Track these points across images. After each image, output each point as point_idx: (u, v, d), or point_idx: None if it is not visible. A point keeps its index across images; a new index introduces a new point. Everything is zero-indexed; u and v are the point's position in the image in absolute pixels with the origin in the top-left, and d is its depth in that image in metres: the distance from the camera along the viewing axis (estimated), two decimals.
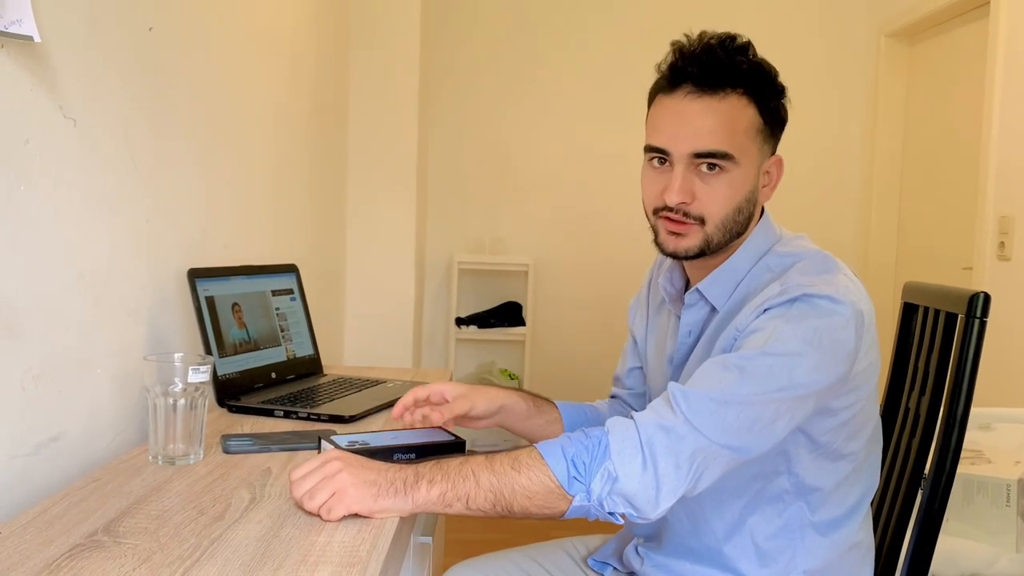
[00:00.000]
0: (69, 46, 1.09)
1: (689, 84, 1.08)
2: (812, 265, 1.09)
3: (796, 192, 3.95)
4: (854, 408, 1.10)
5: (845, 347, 1.02)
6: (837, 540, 1.14)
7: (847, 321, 1.02)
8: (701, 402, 0.97)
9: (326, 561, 0.81)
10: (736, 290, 1.13)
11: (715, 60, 1.08)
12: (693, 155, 1.08)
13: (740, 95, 1.09)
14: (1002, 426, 2.14)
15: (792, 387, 0.99)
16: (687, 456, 0.96)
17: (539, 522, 1.05)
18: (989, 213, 2.82)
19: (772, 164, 1.16)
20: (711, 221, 1.09)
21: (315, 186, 2.53)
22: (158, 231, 1.37)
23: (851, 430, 1.11)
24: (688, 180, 1.08)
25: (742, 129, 1.09)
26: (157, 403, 1.10)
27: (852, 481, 1.14)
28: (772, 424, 0.99)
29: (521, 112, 3.86)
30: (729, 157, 1.07)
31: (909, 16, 3.46)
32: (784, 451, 1.09)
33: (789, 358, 0.99)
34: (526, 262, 3.77)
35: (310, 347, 1.74)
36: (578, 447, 0.97)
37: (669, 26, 4.46)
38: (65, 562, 0.80)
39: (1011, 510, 1.77)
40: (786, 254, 1.13)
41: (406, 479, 0.95)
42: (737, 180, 1.09)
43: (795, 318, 1.01)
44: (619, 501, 0.96)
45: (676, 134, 1.08)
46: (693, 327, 1.18)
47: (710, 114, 1.07)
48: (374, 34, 3.02)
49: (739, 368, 0.99)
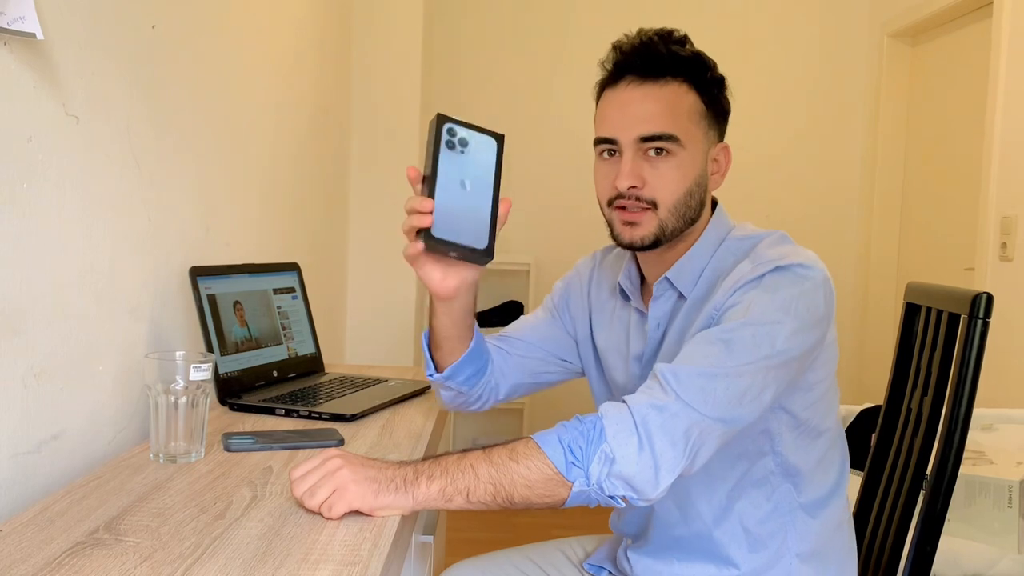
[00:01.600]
0: (72, 43, 1.09)
1: (631, 75, 1.13)
2: (776, 240, 1.14)
3: (798, 192, 3.95)
4: (827, 382, 1.14)
5: (818, 312, 1.06)
6: (825, 520, 1.17)
7: (817, 286, 1.06)
8: (691, 378, 0.99)
9: (327, 559, 0.81)
10: (701, 276, 1.16)
11: (655, 51, 1.13)
12: (640, 139, 1.11)
13: (681, 82, 1.13)
14: (1004, 427, 2.14)
15: (775, 354, 1.02)
16: (682, 433, 0.97)
17: (539, 522, 1.05)
18: (991, 214, 2.82)
19: (720, 152, 1.18)
20: (663, 205, 1.12)
21: (317, 184, 2.53)
22: (160, 229, 1.37)
23: (826, 404, 1.15)
24: (637, 165, 1.12)
25: (685, 113, 1.13)
26: (158, 401, 1.10)
27: (831, 459, 1.18)
28: (761, 394, 1.02)
29: (524, 111, 3.86)
30: (674, 139, 1.11)
31: (912, 16, 3.46)
32: (767, 430, 1.11)
33: (770, 326, 1.02)
34: (527, 261, 3.77)
35: (311, 345, 1.74)
36: (573, 433, 0.97)
37: (673, 25, 4.41)
38: (66, 559, 0.79)
39: (1013, 511, 1.77)
40: (744, 237, 1.17)
41: (406, 476, 0.95)
42: (685, 163, 1.12)
43: (771, 288, 1.04)
44: (618, 484, 0.96)
45: (621, 122, 1.13)
46: (661, 319, 1.19)
47: (652, 99, 1.12)
48: (377, 32, 3.02)
49: (724, 341, 1.01)
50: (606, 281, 1.32)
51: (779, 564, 1.15)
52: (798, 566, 1.15)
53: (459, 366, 1.21)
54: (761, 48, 3.87)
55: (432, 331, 1.20)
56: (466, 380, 1.23)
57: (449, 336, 1.19)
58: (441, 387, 1.25)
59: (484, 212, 1.01)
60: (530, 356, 1.32)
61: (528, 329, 1.35)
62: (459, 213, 1.01)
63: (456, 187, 1.00)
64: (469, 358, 1.21)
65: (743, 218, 1.27)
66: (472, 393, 1.25)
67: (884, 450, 1.41)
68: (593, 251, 1.38)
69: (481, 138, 1.02)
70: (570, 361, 1.34)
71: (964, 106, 3.21)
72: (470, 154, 1.01)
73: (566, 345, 1.34)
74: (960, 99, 3.26)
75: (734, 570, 1.15)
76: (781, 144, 3.89)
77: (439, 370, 1.22)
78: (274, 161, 2.06)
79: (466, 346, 1.20)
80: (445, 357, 1.21)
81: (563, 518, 3.14)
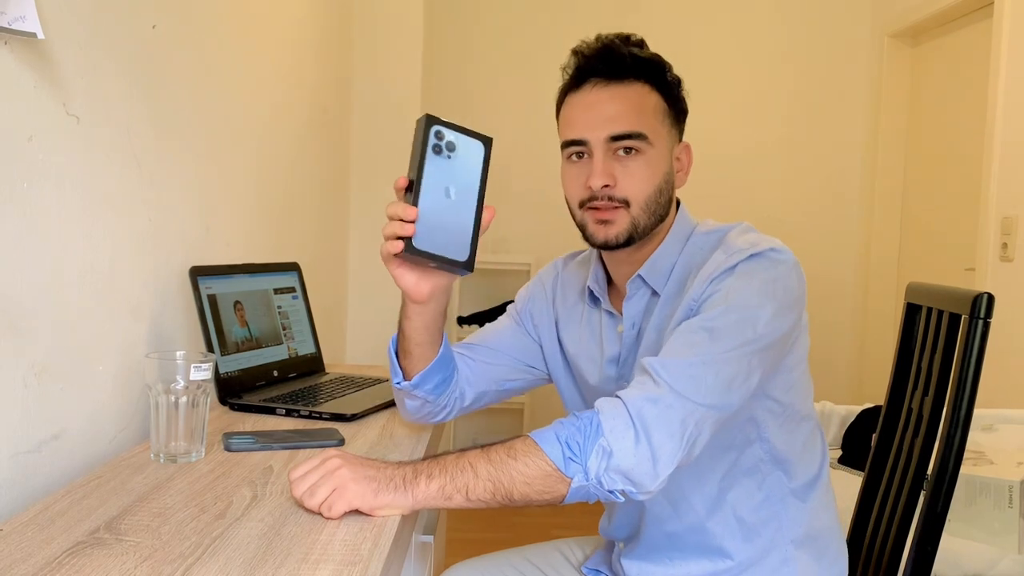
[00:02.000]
0: (72, 43, 1.09)
1: (596, 77, 1.15)
2: (743, 230, 1.16)
3: (798, 192, 3.95)
4: (803, 364, 1.17)
5: (794, 293, 1.09)
6: (814, 503, 1.19)
7: (790, 269, 1.09)
8: (680, 368, 1.00)
9: (327, 559, 0.81)
10: (673, 271, 1.18)
11: (616, 54, 1.15)
12: (609, 139, 1.13)
13: (643, 83, 1.15)
14: (1004, 427, 2.14)
15: (758, 338, 1.04)
16: (678, 423, 0.98)
17: (539, 522, 1.05)
18: (992, 214, 2.82)
19: (682, 150, 1.21)
20: (635, 202, 1.14)
21: (318, 184, 2.53)
22: (160, 229, 1.37)
23: (804, 387, 1.18)
24: (608, 165, 1.14)
25: (650, 111, 1.15)
26: (159, 401, 1.10)
27: (813, 442, 1.21)
28: (748, 378, 1.03)
29: (524, 111, 3.86)
30: (643, 137, 1.13)
31: (912, 16, 3.46)
32: (753, 418, 1.13)
33: (751, 311, 1.04)
34: (528, 261, 3.77)
35: (312, 345, 1.74)
36: (570, 429, 0.98)
37: (674, 26, 4.43)
38: (67, 559, 0.79)
39: (1013, 511, 1.77)
40: (710, 231, 1.19)
41: (405, 475, 0.96)
42: (654, 161, 1.15)
43: (747, 274, 1.07)
44: (617, 478, 0.96)
45: (590, 123, 1.14)
46: (636, 318, 1.20)
47: (619, 100, 1.14)
48: (377, 32, 3.02)
49: (707, 330, 1.03)
50: (571, 287, 1.32)
51: (774, 552, 1.16)
52: (793, 552, 1.16)
53: (428, 373, 1.19)
54: (761, 48, 3.87)
55: (402, 336, 1.18)
56: (434, 388, 1.21)
57: (420, 341, 1.17)
58: (407, 396, 1.22)
59: (467, 223, 1.00)
60: (496, 363, 1.31)
61: (494, 337, 1.34)
62: (442, 223, 0.99)
63: (441, 195, 0.99)
64: (438, 365, 1.19)
65: (743, 218, 1.27)
66: (438, 402, 1.23)
67: (885, 450, 1.41)
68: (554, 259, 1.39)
69: (469, 142, 1.00)
70: (536, 368, 1.34)
71: (965, 106, 3.21)
72: (457, 159, 0.99)
73: (532, 352, 1.33)
74: (961, 99, 3.26)
75: (728, 561, 1.16)
76: (781, 144, 3.89)
77: (407, 378, 1.20)
78: (274, 161, 2.06)
79: (435, 352, 1.19)
80: (414, 364, 1.19)
81: (563, 518, 3.14)
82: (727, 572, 1.16)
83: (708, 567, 1.17)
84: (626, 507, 1.23)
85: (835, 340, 3.92)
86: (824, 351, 3.87)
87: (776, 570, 1.16)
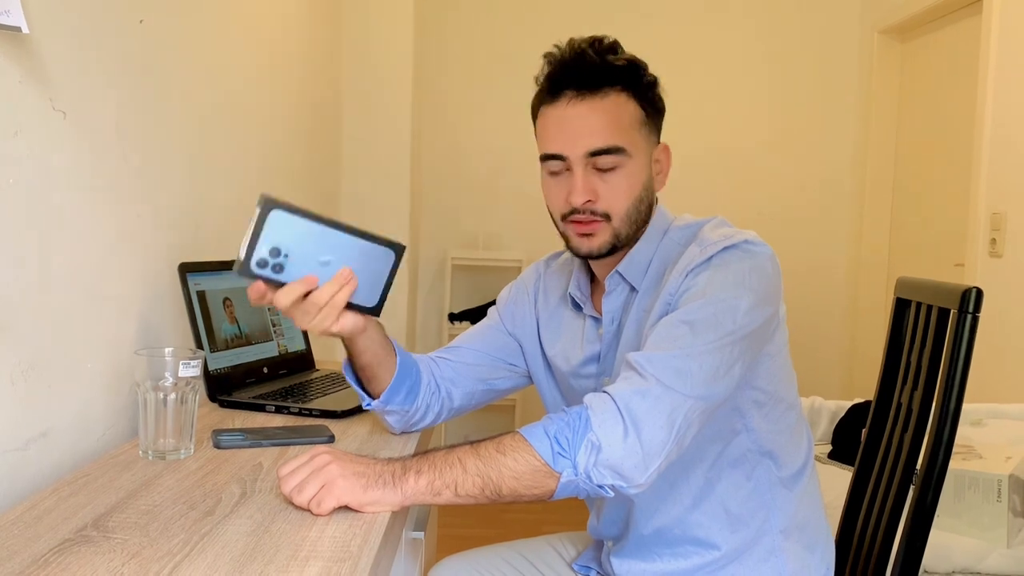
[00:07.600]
0: (59, 38, 1.08)
1: (570, 90, 1.14)
2: (718, 224, 1.17)
3: (789, 188, 3.95)
4: (783, 352, 1.18)
5: (770, 282, 1.10)
6: (801, 493, 1.20)
7: (766, 260, 1.10)
8: (665, 361, 1.01)
9: (317, 556, 0.81)
10: (650, 266, 1.18)
11: (589, 62, 1.13)
12: (589, 154, 1.13)
13: (619, 91, 1.14)
14: (993, 422, 2.15)
15: (738, 328, 1.05)
16: (667, 415, 0.98)
17: (530, 518, 1.05)
18: (981, 210, 2.83)
19: (660, 152, 1.21)
20: (616, 215, 1.15)
21: (308, 181, 2.52)
22: (149, 225, 1.36)
23: (786, 374, 1.19)
24: (588, 180, 1.14)
25: (627, 123, 1.14)
26: (147, 398, 1.09)
27: (799, 430, 1.22)
28: (731, 368, 1.04)
29: (516, 107, 3.84)
30: (622, 151, 1.13)
31: (902, 13, 3.47)
32: (737, 407, 1.14)
33: (729, 302, 1.05)
34: (520, 258, 3.77)
35: (302, 342, 1.74)
36: (559, 424, 0.98)
37: (663, 25, 4.43)
38: (54, 557, 0.79)
39: (1002, 505, 1.78)
40: (685, 226, 1.20)
41: (394, 471, 0.96)
42: (633, 173, 1.15)
43: (722, 266, 1.08)
44: (606, 472, 0.96)
45: (569, 138, 1.14)
46: (615, 312, 1.21)
47: (596, 114, 1.13)
48: (368, 29, 3.01)
49: (687, 323, 1.04)
50: (553, 290, 1.33)
51: (762, 541, 1.17)
52: (782, 542, 1.17)
53: (394, 388, 1.20)
54: (751, 45, 3.88)
55: (361, 370, 1.19)
56: (405, 398, 1.22)
57: (379, 361, 1.18)
58: (384, 413, 1.23)
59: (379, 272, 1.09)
60: (479, 363, 1.32)
61: (475, 337, 1.35)
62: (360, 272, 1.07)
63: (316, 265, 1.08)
64: (400, 375, 1.20)
65: (735, 214, 1.27)
66: (415, 409, 1.23)
67: (874, 445, 1.41)
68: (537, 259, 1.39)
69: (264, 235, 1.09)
70: (517, 365, 1.35)
71: (954, 102, 3.22)
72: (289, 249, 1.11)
73: (512, 350, 1.34)
74: (950, 95, 3.27)
75: (715, 551, 1.16)
76: (772, 140, 3.89)
77: (375, 397, 1.21)
78: (265, 157, 2.05)
79: (393, 364, 1.20)
80: (380, 385, 1.20)
81: (554, 514, 3.14)
82: (715, 563, 1.16)
83: (696, 560, 1.17)
84: (613, 505, 1.23)
85: (826, 335, 3.93)
86: (815, 346, 3.88)
87: (764, 560, 1.16)
